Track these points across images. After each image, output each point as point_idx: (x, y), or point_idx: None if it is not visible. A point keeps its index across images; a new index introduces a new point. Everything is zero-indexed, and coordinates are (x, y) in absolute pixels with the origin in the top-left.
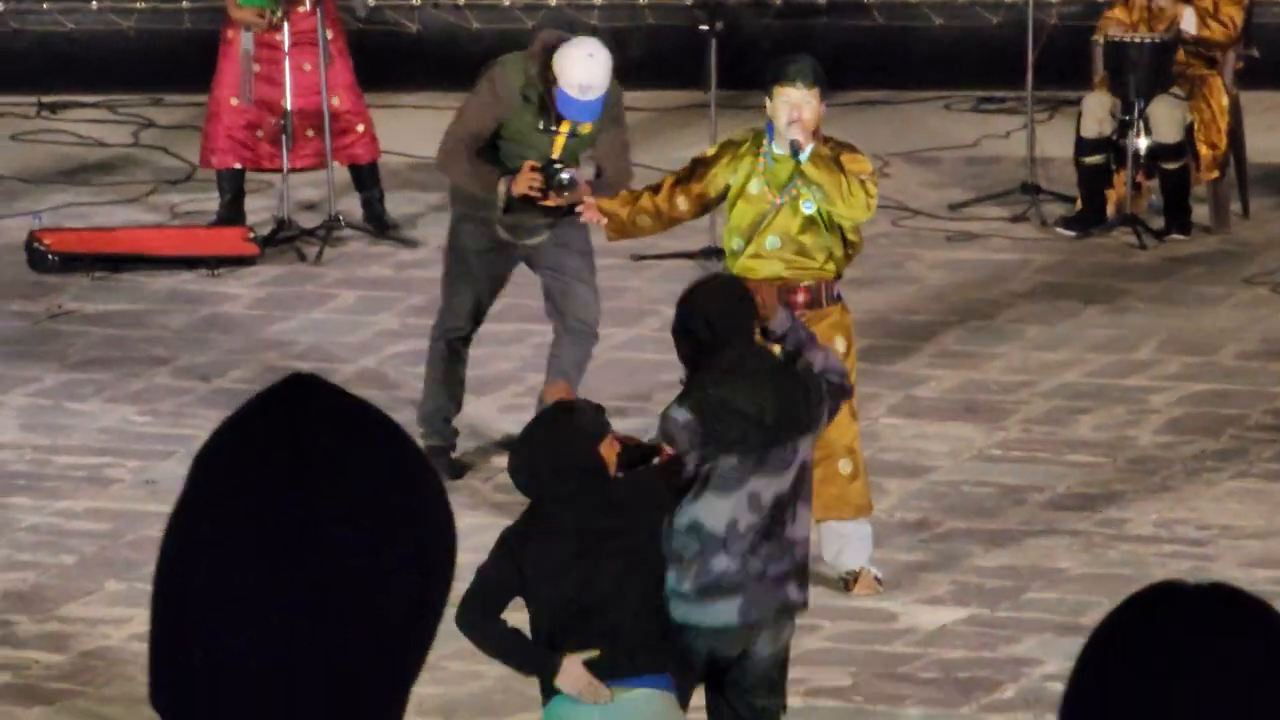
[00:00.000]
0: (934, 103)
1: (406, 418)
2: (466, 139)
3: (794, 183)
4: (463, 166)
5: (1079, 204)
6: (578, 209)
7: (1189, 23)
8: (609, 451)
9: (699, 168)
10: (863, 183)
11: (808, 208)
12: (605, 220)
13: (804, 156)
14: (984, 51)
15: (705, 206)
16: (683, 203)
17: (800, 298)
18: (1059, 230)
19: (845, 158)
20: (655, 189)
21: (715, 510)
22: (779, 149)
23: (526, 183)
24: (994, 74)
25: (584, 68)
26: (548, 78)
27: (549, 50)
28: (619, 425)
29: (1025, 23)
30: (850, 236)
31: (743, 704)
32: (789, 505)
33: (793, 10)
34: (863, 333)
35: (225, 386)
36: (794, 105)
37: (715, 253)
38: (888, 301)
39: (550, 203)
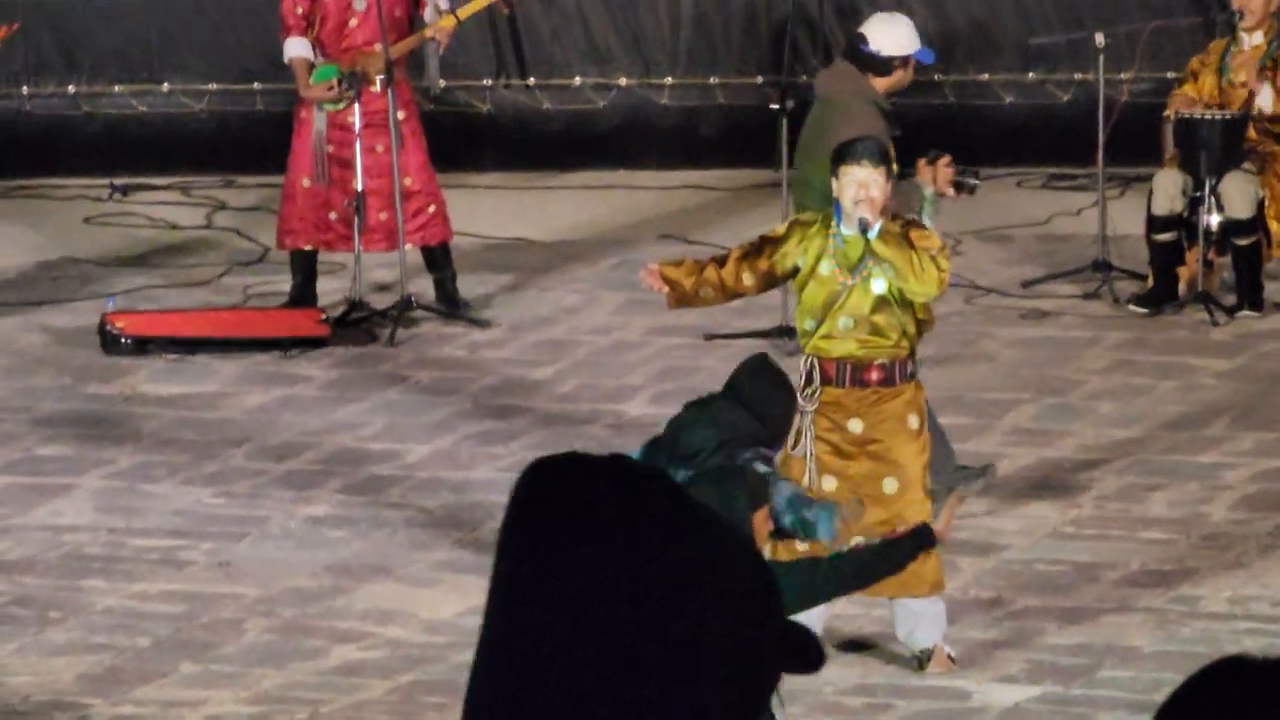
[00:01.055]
0: (1006, 180)
1: (474, 499)
2: None
3: (864, 262)
4: None
5: (1151, 281)
6: (641, 273)
7: (1266, 99)
8: (762, 524)
9: (767, 245)
10: (934, 258)
11: (878, 287)
12: (667, 288)
13: (873, 234)
14: (1055, 129)
15: (770, 283)
16: (748, 278)
17: (874, 376)
18: (1131, 308)
19: (914, 234)
20: (721, 262)
21: None
22: (848, 229)
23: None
24: (1065, 151)
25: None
26: None
27: None
28: None
29: (1096, 100)
30: (922, 315)
31: None
32: None
33: None
34: (937, 410)
35: (299, 468)
36: (861, 184)
37: (787, 332)
38: (961, 379)
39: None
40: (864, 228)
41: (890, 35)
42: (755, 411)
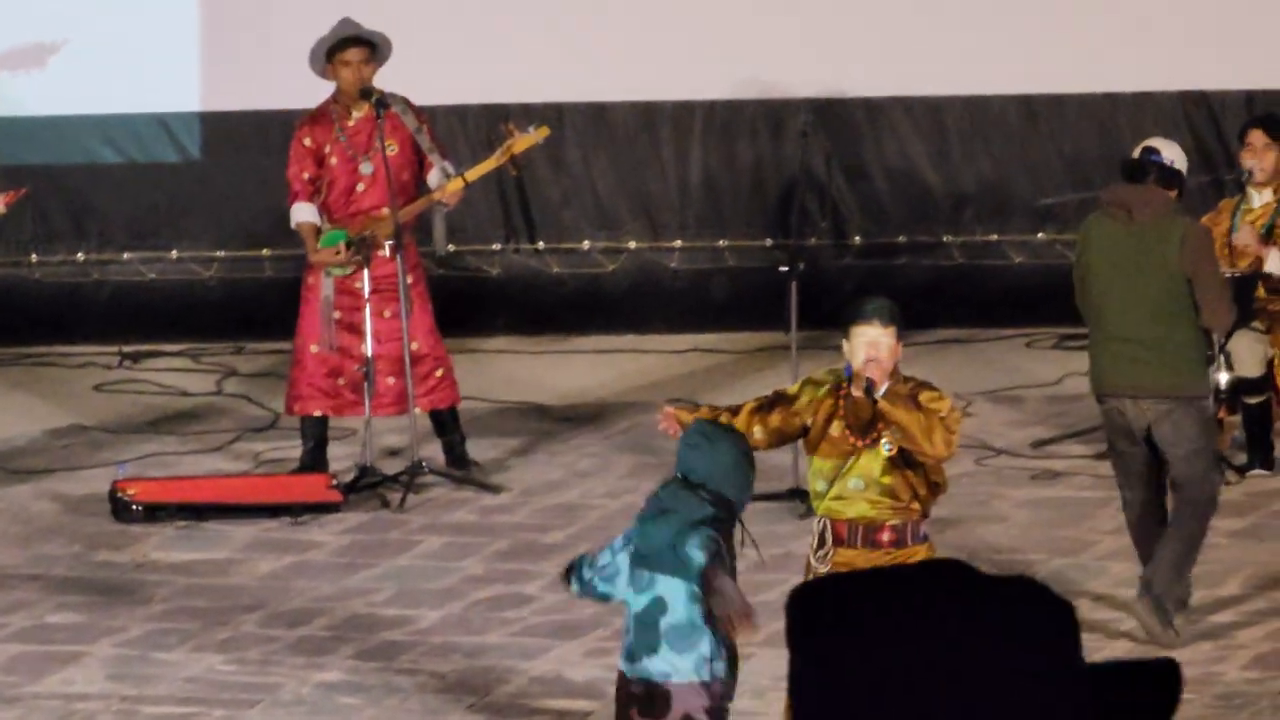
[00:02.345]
0: (1015, 340)
1: (487, 663)
2: None
3: (875, 424)
4: None
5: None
6: (657, 415)
7: (1274, 263)
8: None
9: (780, 402)
10: (943, 420)
11: (887, 449)
12: (679, 430)
13: (878, 394)
14: (1064, 288)
15: (782, 440)
16: (759, 432)
17: (886, 537)
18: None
19: (924, 396)
20: (735, 412)
21: None
22: (857, 391)
23: None
24: (1075, 311)
25: None
26: None
27: None
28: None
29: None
30: (934, 477)
31: None
32: (641, 630)
33: (873, 250)
34: None
35: (310, 634)
36: (870, 343)
37: (799, 494)
38: (974, 540)
39: None
40: (869, 389)
41: (1176, 150)
42: (710, 489)
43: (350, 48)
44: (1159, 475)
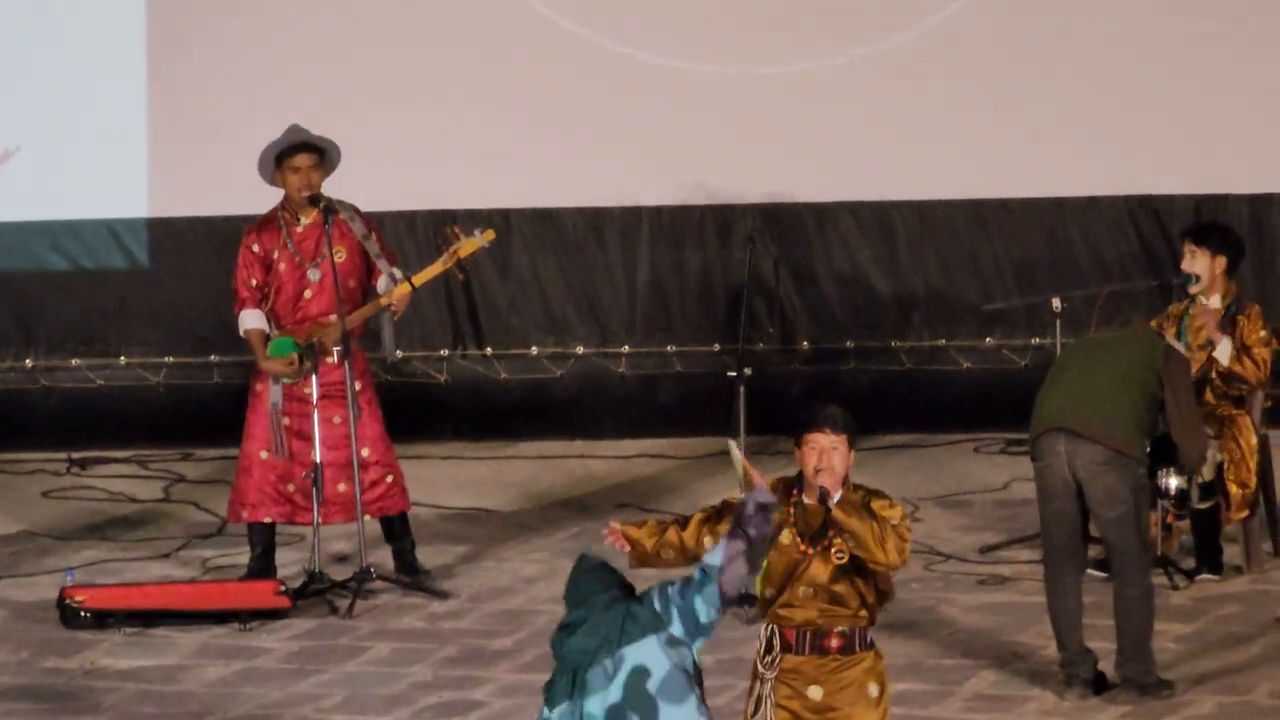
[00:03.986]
0: (964, 445)
1: None
2: None
3: (825, 532)
4: None
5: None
6: (604, 531)
7: (1223, 353)
8: None
9: (728, 510)
10: (895, 528)
11: (839, 557)
12: (629, 547)
13: (833, 502)
14: (1012, 393)
15: None
16: (709, 542)
17: (834, 643)
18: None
19: (876, 504)
20: (683, 524)
21: None
22: (809, 498)
23: None
24: (1023, 416)
25: None
26: None
27: None
28: None
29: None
30: (882, 585)
31: None
32: (627, 712)
33: (820, 355)
34: (896, 677)
35: None
36: (822, 451)
37: (748, 599)
38: (921, 647)
39: None
40: (824, 497)
41: None
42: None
43: (299, 153)
44: (1084, 546)
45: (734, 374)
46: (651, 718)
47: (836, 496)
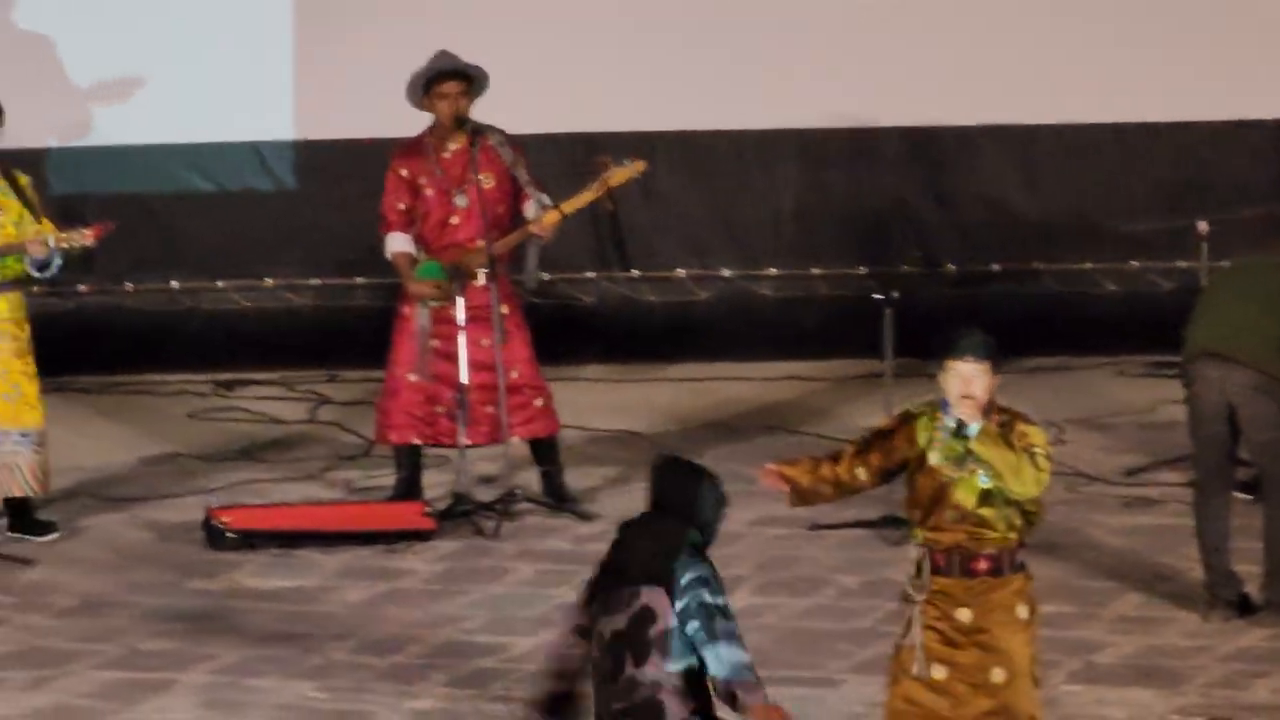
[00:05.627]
0: (1107, 368)
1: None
2: None
3: (970, 456)
4: None
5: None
6: (759, 473)
7: None
8: None
9: (878, 439)
10: (1033, 458)
11: (984, 481)
12: (786, 487)
13: (972, 432)
14: (1156, 316)
15: (885, 477)
16: (862, 474)
17: (982, 565)
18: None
19: (1018, 430)
20: (835, 459)
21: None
22: (953, 423)
23: None
24: (1166, 339)
25: None
26: None
27: None
28: (796, 700)
29: (1197, 288)
30: (1029, 506)
31: None
32: (627, 646)
33: (966, 279)
34: (1041, 599)
35: (402, 662)
36: (964, 380)
37: (894, 521)
38: (1066, 568)
39: None
40: (961, 428)
41: None
42: (686, 516)
43: (448, 80)
44: (1233, 470)
45: (880, 297)
46: (641, 661)
47: (974, 427)
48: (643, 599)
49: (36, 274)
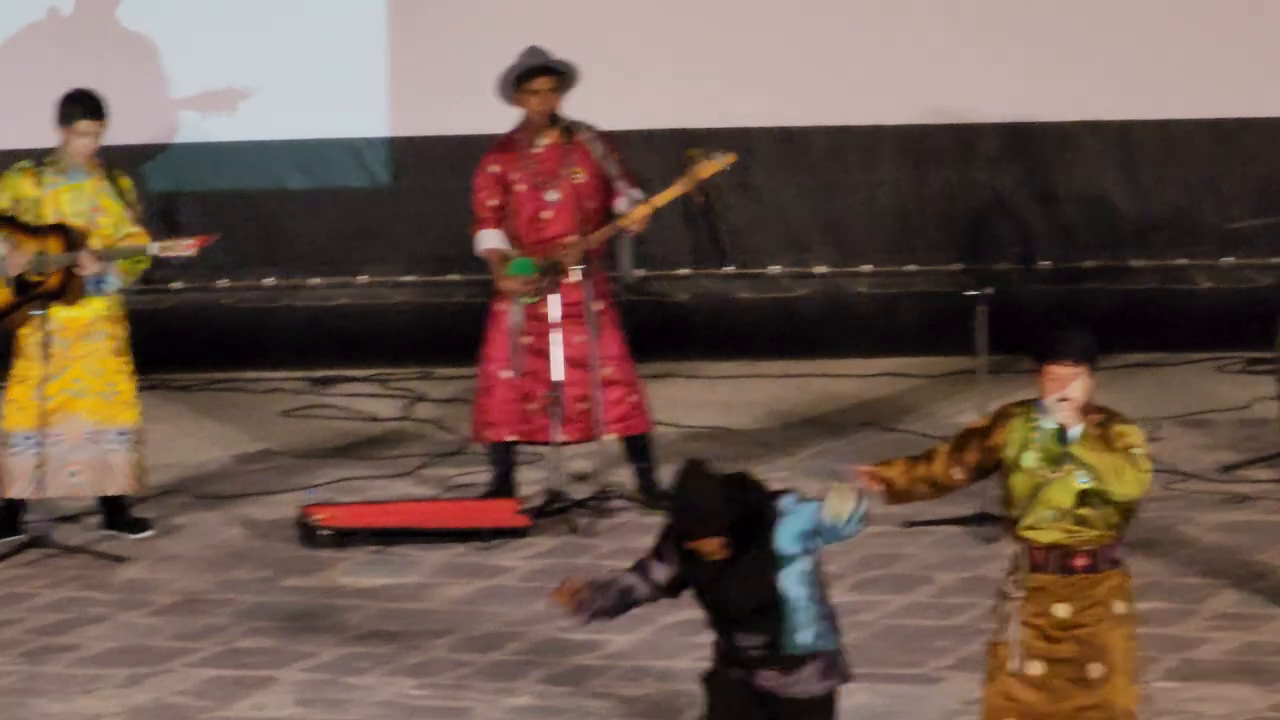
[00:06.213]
0: (1204, 365)
1: (677, 688)
2: None
3: (1069, 457)
4: None
5: None
6: (855, 474)
7: None
8: None
9: (973, 438)
10: (1134, 459)
11: (1082, 481)
12: (882, 487)
13: (1072, 436)
14: (1253, 312)
15: (981, 475)
16: (958, 472)
17: (1080, 562)
18: None
19: (1115, 430)
20: (930, 458)
21: None
22: (1049, 422)
23: None
24: (1264, 335)
25: None
26: None
27: None
28: (895, 697)
29: None
30: (1127, 504)
31: None
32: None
33: (1061, 275)
34: (1137, 596)
35: (501, 659)
36: (1061, 383)
37: (987, 519)
38: (1163, 564)
39: None
40: (1063, 434)
41: None
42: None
43: (539, 77)
44: None
45: (975, 293)
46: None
47: (1075, 431)
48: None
49: (91, 289)
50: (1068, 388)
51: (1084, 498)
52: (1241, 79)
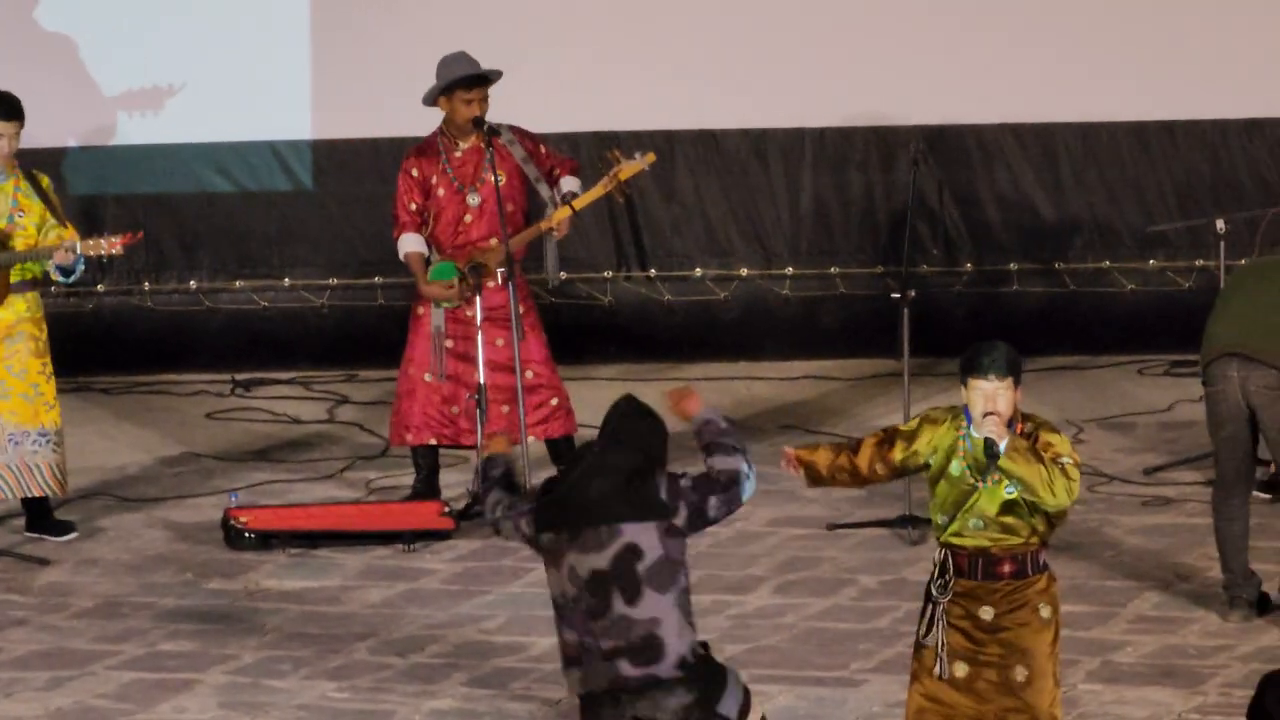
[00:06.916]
0: (1127, 367)
1: None
2: None
3: (996, 469)
4: None
5: (1273, 468)
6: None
7: None
8: None
9: (899, 439)
10: (1063, 469)
11: (1009, 491)
12: (802, 471)
13: (1000, 449)
14: (1175, 315)
15: (901, 474)
16: (880, 468)
17: (1006, 569)
18: (1256, 494)
19: (1043, 440)
20: (855, 449)
21: (550, 581)
22: (977, 432)
23: None
24: (1186, 337)
25: None
26: None
27: None
28: (818, 701)
29: (1216, 287)
30: (1052, 511)
31: None
32: (611, 583)
33: (984, 278)
34: (1062, 598)
35: (422, 662)
36: (987, 398)
37: (911, 521)
38: (1085, 568)
39: None
40: (990, 448)
41: None
42: (639, 447)
43: (475, 87)
44: (1253, 470)
45: (898, 296)
46: (634, 598)
47: (1003, 445)
48: (625, 536)
49: (60, 279)
50: (994, 402)
51: (1009, 505)
52: (1163, 82)
